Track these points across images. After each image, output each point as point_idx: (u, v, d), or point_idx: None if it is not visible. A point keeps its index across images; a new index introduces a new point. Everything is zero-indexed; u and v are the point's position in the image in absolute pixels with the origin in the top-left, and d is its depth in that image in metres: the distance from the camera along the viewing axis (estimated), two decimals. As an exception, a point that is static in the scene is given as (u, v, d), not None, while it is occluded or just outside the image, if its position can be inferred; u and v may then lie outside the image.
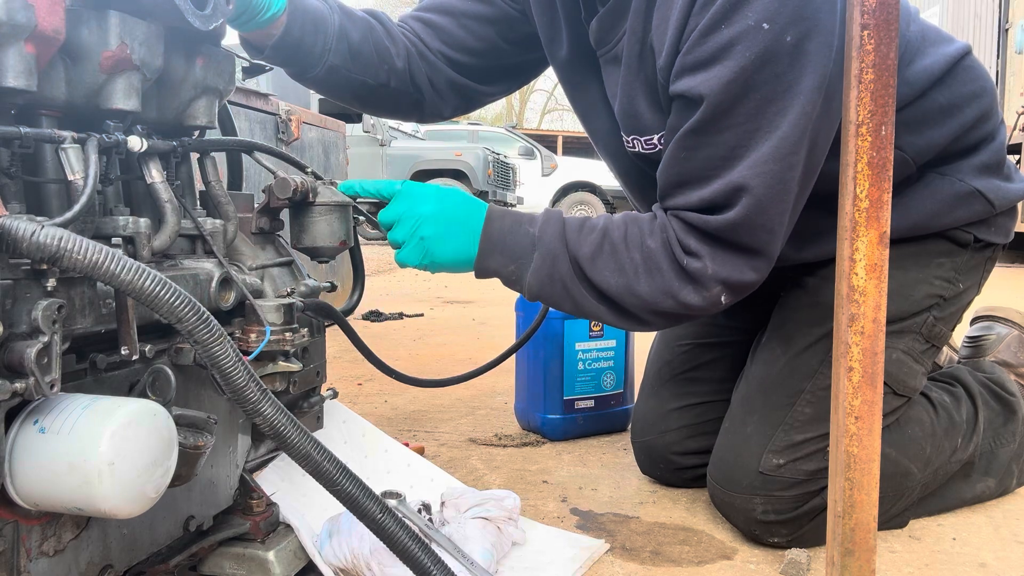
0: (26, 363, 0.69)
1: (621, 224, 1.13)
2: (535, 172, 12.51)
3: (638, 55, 1.17)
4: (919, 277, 1.32)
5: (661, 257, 1.09)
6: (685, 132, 1.06)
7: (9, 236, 0.66)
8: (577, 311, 1.16)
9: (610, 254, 1.11)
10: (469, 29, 1.45)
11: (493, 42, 1.46)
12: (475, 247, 1.14)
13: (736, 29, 0.99)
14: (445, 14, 1.45)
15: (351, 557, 1.09)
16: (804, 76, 1.00)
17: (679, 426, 1.52)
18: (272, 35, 1.23)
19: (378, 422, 1.91)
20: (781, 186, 1.04)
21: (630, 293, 1.11)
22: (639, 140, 1.25)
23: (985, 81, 1.31)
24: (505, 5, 1.44)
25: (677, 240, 1.09)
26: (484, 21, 1.45)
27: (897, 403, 1.32)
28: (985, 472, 1.45)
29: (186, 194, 1.01)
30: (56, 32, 0.77)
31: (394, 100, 1.44)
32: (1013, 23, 8.14)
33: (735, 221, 1.05)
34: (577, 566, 1.21)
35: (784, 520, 1.27)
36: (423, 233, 1.13)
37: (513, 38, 1.46)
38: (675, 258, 1.09)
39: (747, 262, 1.08)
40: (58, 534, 0.79)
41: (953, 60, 1.27)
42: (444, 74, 1.46)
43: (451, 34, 1.45)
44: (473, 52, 1.46)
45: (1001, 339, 1.66)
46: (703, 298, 1.09)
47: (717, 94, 1.01)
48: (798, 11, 0.98)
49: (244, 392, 0.75)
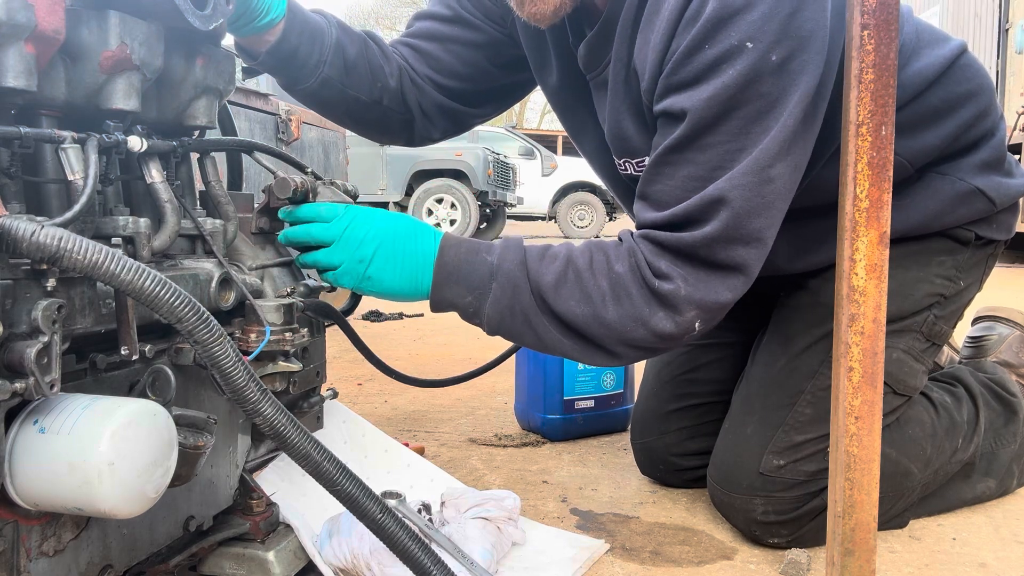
0: (26, 363, 0.69)
1: (585, 251, 1.08)
2: (535, 172, 12.51)
3: (624, 80, 1.16)
4: (919, 276, 1.31)
5: (630, 282, 1.05)
6: (667, 148, 1.04)
7: (9, 236, 0.66)
8: (540, 345, 1.10)
9: (575, 282, 1.06)
10: (456, 54, 1.43)
11: (481, 66, 1.44)
12: (428, 276, 1.08)
13: (719, 49, 0.97)
14: (432, 40, 1.44)
15: (351, 557, 1.09)
16: (789, 95, 0.99)
17: (679, 427, 1.52)
18: (268, 41, 1.22)
19: (378, 422, 1.91)
20: (760, 199, 1.01)
21: (598, 322, 1.05)
22: (630, 163, 1.24)
23: (982, 79, 1.30)
24: (492, 30, 1.42)
25: (647, 263, 1.05)
26: (471, 46, 1.43)
27: (897, 402, 1.32)
28: (986, 473, 1.45)
29: (186, 194, 1.01)
30: (56, 32, 0.77)
31: (385, 119, 1.43)
32: (1013, 23, 8.14)
33: (712, 235, 1.01)
34: (577, 566, 1.21)
35: (784, 521, 1.27)
36: (365, 253, 1.06)
37: (501, 61, 1.44)
38: (645, 282, 1.04)
39: (723, 281, 1.03)
40: (58, 534, 0.79)
41: (948, 61, 1.26)
42: (432, 98, 1.45)
43: (438, 59, 1.43)
44: (461, 77, 1.45)
45: (1003, 339, 1.66)
46: (676, 324, 1.04)
47: (699, 110, 0.99)
48: (783, 29, 0.96)
49: (244, 392, 0.75)
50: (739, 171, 1.00)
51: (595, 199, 11.92)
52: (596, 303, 1.05)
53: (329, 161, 3.42)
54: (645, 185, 1.08)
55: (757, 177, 1.00)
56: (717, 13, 0.96)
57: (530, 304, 1.06)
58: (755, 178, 1.00)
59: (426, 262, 1.08)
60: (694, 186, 1.02)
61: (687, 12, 0.99)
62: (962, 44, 1.30)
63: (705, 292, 1.03)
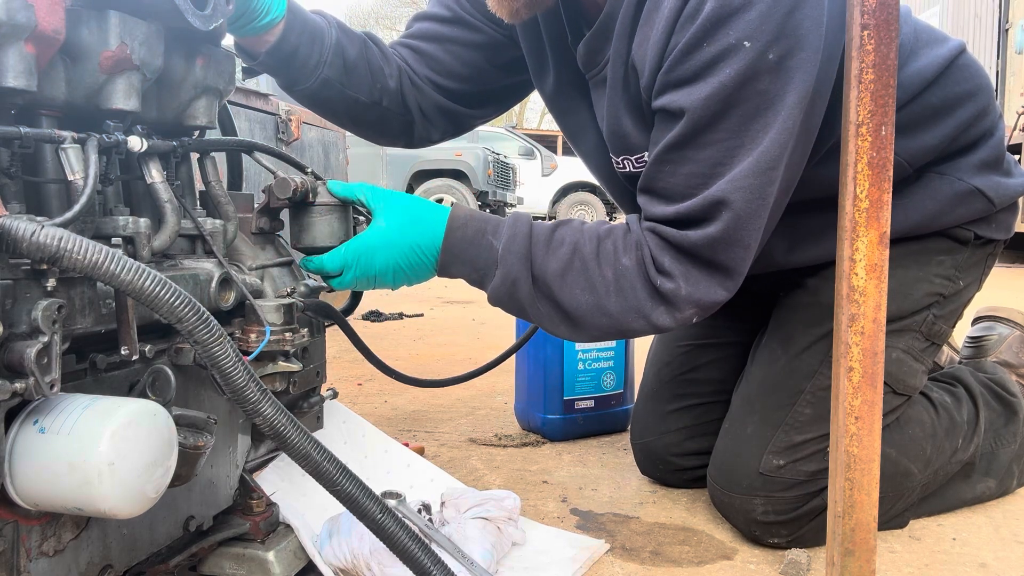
0: (26, 363, 0.69)
1: (593, 237, 1.10)
2: (535, 172, 12.52)
3: (623, 77, 1.17)
4: (919, 275, 1.31)
5: (635, 276, 1.07)
6: (667, 146, 1.05)
7: (9, 236, 0.66)
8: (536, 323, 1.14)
9: (581, 271, 1.08)
10: (456, 55, 1.43)
11: (481, 67, 1.44)
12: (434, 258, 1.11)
13: (718, 47, 0.98)
14: (431, 40, 1.44)
15: (351, 557, 1.09)
16: (787, 93, 1.00)
17: (678, 427, 1.52)
18: (268, 42, 1.22)
19: (378, 422, 1.91)
20: (761, 201, 1.03)
21: (599, 311, 1.08)
22: (629, 160, 1.24)
23: (980, 79, 1.30)
24: (491, 31, 1.42)
25: (652, 258, 1.07)
26: (471, 47, 1.43)
27: (897, 402, 1.32)
28: (986, 473, 1.45)
29: (186, 194, 1.01)
30: (56, 32, 0.77)
31: (385, 120, 1.43)
32: (1013, 23, 8.15)
33: (715, 236, 1.03)
34: (577, 566, 1.21)
35: (784, 521, 1.27)
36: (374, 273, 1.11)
37: (500, 62, 1.44)
38: (649, 278, 1.07)
39: (720, 281, 1.07)
40: (58, 534, 0.79)
41: (947, 61, 1.26)
42: (432, 99, 1.45)
43: (438, 60, 1.43)
44: (461, 78, 1.45)
45: (1003, 339, 1.66)
46: (674, 319, 1.08)
47: (698, 109, 1.00)
48: (780, 28, 0.97)
49: (244, 392, 0.75)
50: (741, 172, 1.01)
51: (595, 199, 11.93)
52: (600, 293, 1.08)
53: (329, 161, 3.41)
54: (649, 181, 1.10)
55: (759, 179, 1.02)
56: (716, 12, 0.97)
57: (528, 296, 1.10)
58: (757, 180, 1.02)
59: (433, 245, 1.11)
60: (697, 183, 1.04)
61: (686, 9, 1.00)
62: (961, 44, 1.30)
63: (704, 292, 1.06)
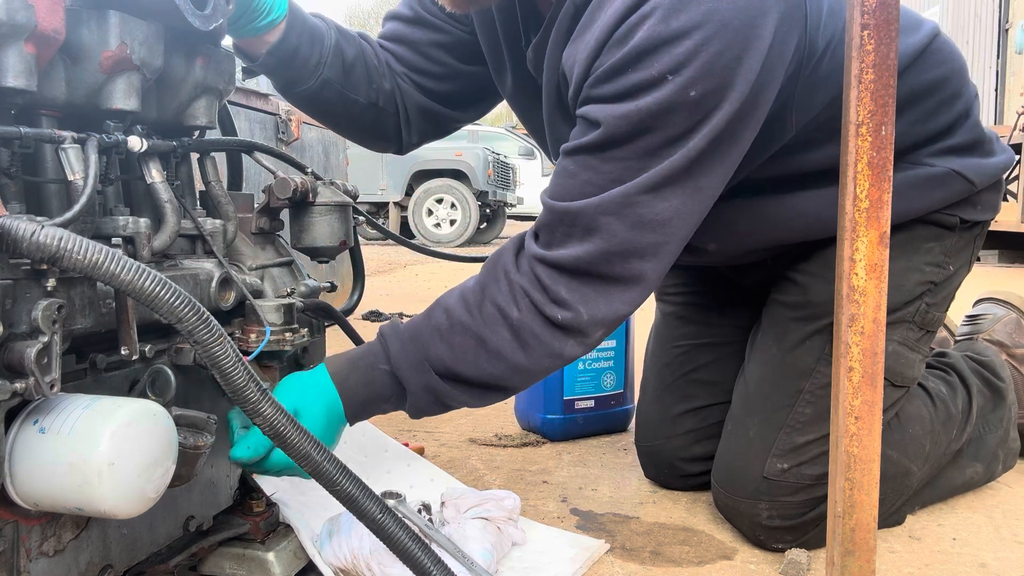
0: (26, 363, 0.69)
1: (474, 306, 1.08)
2: (535, 172, 12.51)
3: (556, 85, 1.17)
4: (908, 266, 1.30)
5: (532, 323, 1.06)
6: (575, 147, 1.05)
7: (9, 236, 0.66)
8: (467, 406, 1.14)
9: (479, 346, 1.07)
10: (425, 55, 1.42)
11: (452, 66, 1.43)
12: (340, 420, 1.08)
13: (641, 76, 0.98)
14: (398, 42, 1.43)
15: (351, 557, 1.09)
16: (701, 128, 0.99)
17: (685, 431, 1.51)
18: (268, 42, 1.22)
19: (378, 422, 1.91)
20: (653, 216, 1.02)
21: (515, 372, 1.08)
22: None
23: (953, 62, 1.28)
24: (455, 29, 1.41)
25: (544, 293, 1.05)
26: (437, 47, 1.42)
27: (897, 395, 1.31)
28: (974, 458, 1.46)
29: (186, 194, 1.01)
30: (56, 32, 0.77)
31: (381, 123, 1.42)
32: (1013, 23, 8.15)
33: (606, 249, 1.02)
34: (577, 566, 1.21)
35: (789, 526, 1.27)
36: None
37: (473, 60, 1.43)
38: (547, 318, 1.05)
39: (620, 295, 1.06)
40: (58, 534, 0.79)
41: (920, 49, 1.24)
42: (413, 99, 1.44)
43: (408, 61, 1.42)
44: (435, 76, 1.44)
45: (998, 319, 1.69)
46: (585, 345, 1.08)
47: (611, 124, 1.00)
48: (706, 68, 0.96)
49: (244, 392, 0.75)
50: (633, 188, 1.01)
51: (595, 199, 11.90)
52: (507, 355, 1.07)
53: (329, 161, 3.41)
54: (551, 184, 1.10)
55: (650, 195, 1.01)
56: (644, 42, 0.96)
57: (446, 392, 1.09)
58: (648, 196, 1.01)
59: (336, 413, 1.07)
60: (590, 191, 1.03)
61: (616, 32, 0.99)
62: (933, 29, 1.28)
63: (605, 310, 1.05)
